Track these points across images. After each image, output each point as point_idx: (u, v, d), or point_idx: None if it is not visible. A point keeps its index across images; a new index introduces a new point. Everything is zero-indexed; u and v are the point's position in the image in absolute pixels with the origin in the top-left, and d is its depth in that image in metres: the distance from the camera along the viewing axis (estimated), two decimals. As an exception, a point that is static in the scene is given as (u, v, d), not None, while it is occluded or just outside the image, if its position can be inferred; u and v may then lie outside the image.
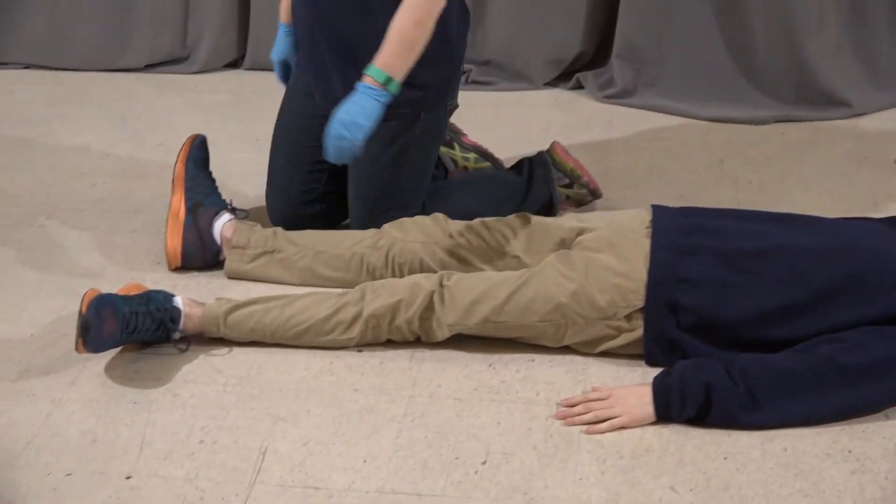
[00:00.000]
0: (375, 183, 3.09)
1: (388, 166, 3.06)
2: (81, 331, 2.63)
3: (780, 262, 2.61)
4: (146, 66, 4.53)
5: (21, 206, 3.52)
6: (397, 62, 2.76)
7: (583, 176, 3.35)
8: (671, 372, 2.53)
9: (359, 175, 3.11)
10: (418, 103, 3.02)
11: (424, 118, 3.06)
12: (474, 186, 3.31)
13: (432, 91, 3.04)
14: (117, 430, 2.56)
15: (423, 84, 2.99)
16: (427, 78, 2.98)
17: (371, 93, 2.75)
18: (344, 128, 2.75)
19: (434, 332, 2.75)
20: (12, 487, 2.39)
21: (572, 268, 2.69)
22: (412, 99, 2.98)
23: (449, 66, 3.08)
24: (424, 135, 3.09)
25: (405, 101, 2.92)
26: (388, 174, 3.07)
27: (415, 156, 3.10)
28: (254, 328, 2.78)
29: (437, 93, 3.07)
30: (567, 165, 3.34)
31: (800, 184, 3.58)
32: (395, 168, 3.07)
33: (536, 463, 2.43)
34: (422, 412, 2.59)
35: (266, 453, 2.48)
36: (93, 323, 2.62)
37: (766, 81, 4.06)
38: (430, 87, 3.02)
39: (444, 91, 3.11)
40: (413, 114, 3.04)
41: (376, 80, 2.75)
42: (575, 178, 3.34)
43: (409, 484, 2.38)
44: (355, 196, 3.14)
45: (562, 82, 4.34)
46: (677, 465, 2.40)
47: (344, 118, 2.75)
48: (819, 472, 2.38)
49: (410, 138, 3.06)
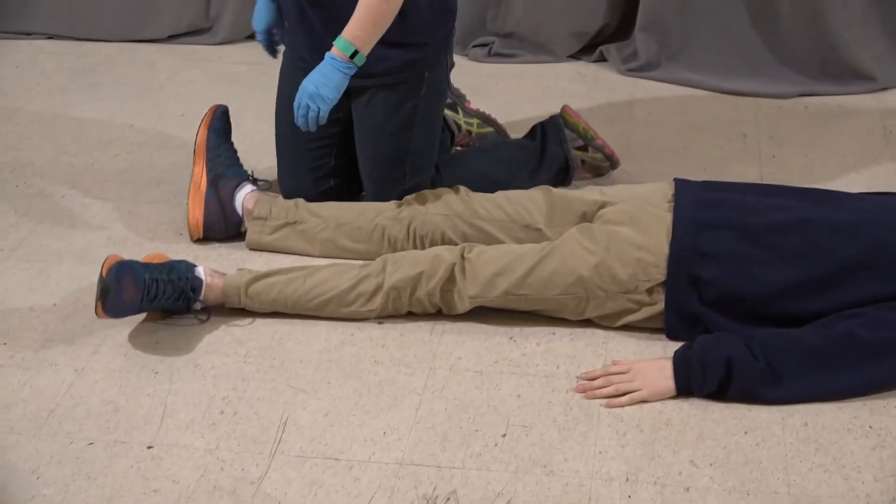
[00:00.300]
0: (386, 151, 3.08)
1: (397, 132, 3.05)
2: (101, 294, 2.64)
3: (801, 237, 2.60)
4: (169, 37, 4.53)
5: (44, 176, 3.53)
6: (363, 35, 2.79)
7: (596, 138, 3.36)
8: (692, 346, 2.53)
9: (369, 146, 3.10)
10: (421, 63, 3.02)
11: (428, 77, 3.06)
12: (490, 153, 3.30)
13: (432, 49, 3.04)
14: (139, 399, 2.57)
15: (424, 43, 3.00)
16: (427, 36, 3.00)
17: (337, 64, 2.80)
18: (309, 98, 2.82)
19: (455, 304, 2.75)
20: (35, 456, 2.41)
21: (594, 241, 2.68)
22: (415, 59, 2.99)
23: (446, 22, 3.08)
24: (429, 94, 3.09)
25: (408, 62, 2.96)
26: (398, 140, 3.07)
27: (423, 116, 3.09)
28: (275, 299, 2.78)
29: (437, 50, 3.07)
30: (580, 125, 3.35)
31: (823, 158, 3.56)
32: (405, 132, 3.06)
33: (556, 436, 2.43)
34: (442, 384, 2.59)
35: (286, 424, 2.48)
36: (112, 287, 2.63)
37: (791, 55, 4.04)
38: (431, 45, 3.03)
39: (445, 47, 3.11)
40: (417, 74, 3.04)
41: (343, 53, 2.79)
42: (588, 139, 3.34)
43: (428, 456, 2.38)
44: (367, 167, 3.13)
45: (585, 55, 4.32)
46: (697, 440, 2.40)
47: (309, 88, 2.82)
48: (839, 448, 2.37)
49: (417, 100, 3.06)
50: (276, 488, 2.31)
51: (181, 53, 4.43)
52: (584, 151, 3.34)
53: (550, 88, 4.03)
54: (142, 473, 2.36)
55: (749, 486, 2.28)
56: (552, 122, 3.35)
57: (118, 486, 2.33)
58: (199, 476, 2.35)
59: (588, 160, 3.35)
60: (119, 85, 4.18)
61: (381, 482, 2.32)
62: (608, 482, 2.30)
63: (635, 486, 2.29)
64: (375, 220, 2.99)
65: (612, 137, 3.61)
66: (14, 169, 3.57)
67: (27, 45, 4.53)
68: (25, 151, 3.68)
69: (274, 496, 2.29)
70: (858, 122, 3.79)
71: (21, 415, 2.53)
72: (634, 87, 4.07)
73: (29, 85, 4.18)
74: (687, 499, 2.26)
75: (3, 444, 2.44)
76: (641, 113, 3.88)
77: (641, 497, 2.27)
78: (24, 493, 2.31)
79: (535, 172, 3.25)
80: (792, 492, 2.27)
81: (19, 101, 4.05)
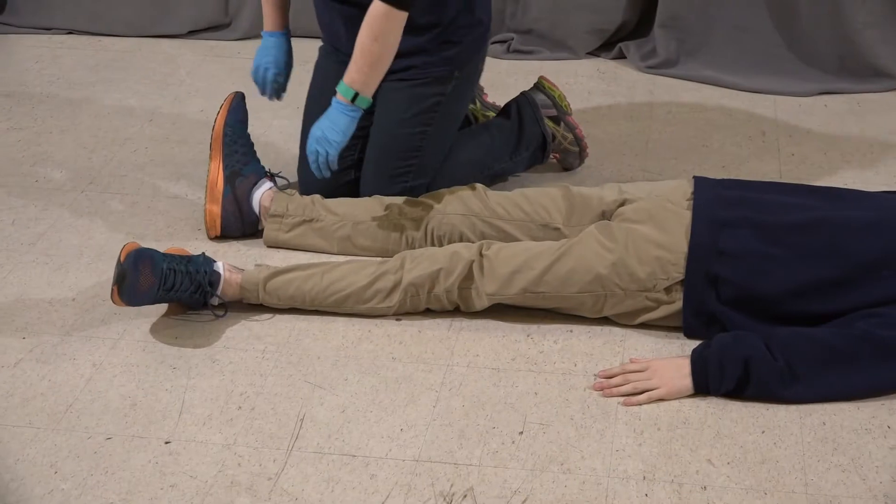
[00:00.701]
0: (399, 140, 3.09)
1: (414, 124, 3.07)
2: (117, 279, 2.65)
3: (820, 236, 2.59)
4: (188, 32, 4.53)
5: (64, 170, 3.54)
6: (362, 78, 2.84)
7: (569, 113, 3.39)
8: (710, 344, 2.52)
9: (383, 131, 3.10)
10: (453, 61, 3.06)
11: (457, 77, 3.09)
12: (472, 138, 3.30)
13: (465, 50, 3.07)
14: (157, 394, 2.57)
15: (458, 41, 3.03)
16: (461, 35, 3.03)
17: (341, 108, 2.86)
18: (317, 143, 2.89)
19: (473, 301, 2.75)
20: (53, 450, 2.42)
21: (612, 239, 2.68)
22: (449, 56, 3.03)
23: (480, 24, 3.12)
24: (455, 93, 3.12)
25: (440, 59, 3.00)
26: (413, 132, 3.08)
27: (444, 113, 3.10)
28: (293, 295, 2.78)
29: (469, 51, 3.09)
30: (556, 92, 3.38)
31: (842, 156, 3.55)
32: (422, 126, 3.07)
33: (573, 434, 2.43)
34: (459, 381, 2.59)
35: (304, 420, 2.49)
36: (129, 273, 2.64)
37: (810, 53, 4.02)
38: (463, 43, 3.06)
39: (478, 48, 3.15)
40: (447, 72, 3.07)
41: (344, 97, 2.85)
42: (561, 110, 3.36)
43: (445, 453, 2.38)
44: (375, 153, 3.11)
45: (604, 52, 4.31)
46: (714, 438, 2.40)
47: (316, 133, 2.89)
48: (857, 447, 2.37)
49: (441, 97, 3.08)
50: (294, 484, 2.32)
51: (201, 49, 4.44)
52: (556, 125, 3.35)
53: (569, 86, 4.02)
54: (159, 468, 2.36)
55: (766, 486, 2.28)
56: (525, 99, 3.37)
57: (136, 481, 2.33)
58: (216, 471, 2.35)
59: (559, 137, 3.35)
60: (139, 80, 4.18)
61: (397, 479, 2.32)
62: (625, 480, 2.30)
63: (652, 485, 2.29)
64: (393, 219, 2.99)
65: (632, 135, 3.60)
66: (34, 163, 3.58)
67: (47, 39, 4.54)
68: (45, 146, 3.69)
69: (291, 492, 2.30)
70: (878, 120, 3.78)
71: (39, 409, 2.54)
72: (654, 84, 4.07)
73: (49, 79, 4.19)
74: (704, 497, 2.26)
75: (22, 438, 2.45)
76: (661, 110, 3.87)
77: (658, 495, 2.26)
78: (41, 487, 2.32)
79: (514, 152, 3.30)
80: (809, 491, 2.26)
81: (39, 96, 4.06)
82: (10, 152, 3.65)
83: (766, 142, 3.65)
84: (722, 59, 4.08)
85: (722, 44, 4.09)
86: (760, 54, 4.05)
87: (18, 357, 2.70)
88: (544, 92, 3.37)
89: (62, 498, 2.29)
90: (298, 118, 3.34)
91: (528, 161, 3.34)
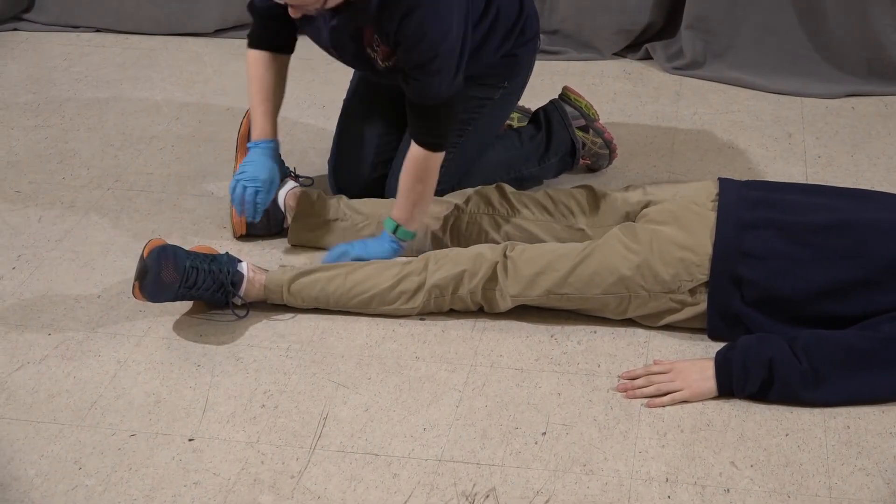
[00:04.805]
0: None
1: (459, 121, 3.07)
2: (139, 274, 2.66)
3: (845, 238, 2.58)
4: (215, 31, 4.55)
5: (91, 168, 3.55)
6: (405, 215, 2.90)
7: (597, 119, 3.39)
8: (734, 346, 2.51)
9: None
10: (505, 71, 3.10)
11: (506, 87, 3.13)
12: (502, 141, 3.30)
13: (517, 63, 3.12)
14: (181, 392, 2.58)
15: (513, 54, 3.07)
16: (515, 49, 3.07)
17: (386, 238, 2.91)
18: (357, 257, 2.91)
19: (497, 302, 2.75)
20: (78, 446, 2.43)
21: (636, 240, 2.67)
22: (500, 68, 3.07)
23: (533, 40, 3.15)
24: (501, 100, 3.15)
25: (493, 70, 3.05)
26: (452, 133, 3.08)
27: (487, 117, 3.12)
28: (317, 296, 2.78)
29: (522, 64, 3.14)
30: (582, 102, 3.39)
31: (869, 159, 3.53)
32: (463, 125, 3.07)
33: (596, 435, 2.42)
34: (483, 381, 2.59)
35: (327, 419, 2.49)
36: (151, 269, 2.65)
37: (838, 55, 4.01)
38: (517, 57, 3.10)
39: (529, 62, 3.18)
40: (497, 80, 3.10)
41: (388, 230, 2.90)
42: (589, 119, 3.37)
43: (468, 453, 2.38)
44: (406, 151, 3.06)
45: (630, 52, 4.30)
46: (738, 441, 2.39)
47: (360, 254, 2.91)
48: (882, 451, 2.35)
49: (488, 100, 3.11)
50: (316, 483, 2.32)
51: (228, 47, 4.45)
52: (585, 133, 3.35)
53: (596, 86, 4.02)
54: (183, 465, 2.37)
55: (790, 489, 2.27)
56: (553, 106, 3.38)
57: (159, 478, 2.34)
58: (239, 469, 2.36)
59: (588, 143, 3.36)
60: (165, 78, 4.20)
61: (420, 478, 2.32)
62: (648, 482, 2.30)
63: (675, 487, 2.28)
64: (418, 217, 2.99)
65: (658, 136, 3.60)
66: (61, 160, 3.60)
67: (75, 37, 4.57)
68: (72, 143, 3.71)
69: (313, 491, 2.30)
70: (905, 123, 3.77)
71: (64, 405, 2.55)
72: (680, 85, 4.06)
73: (76, 77, 4.21)
74: (727, 500, 2.25)
75: (47, 434, 2.46)
76: (687, 111, 3.86)
77: (681, 497, 2.26)
78: (66, 483, 2.33)
79: (543, 158, 3.30)
80: (833, 495, 2.25)
81: (67, 94, 4.08)
82: (38, 149, 3.67)
83: (792, 144, 3.64)
84: (748, 61, 4.07)
85: (748, 45, 4.08)
86: (787, 56, 4.04)
87: (44, 353, 2.71)
88: (570, 103, 3.37)
89: (86, 494, 2.30)
90: (324, 117, 3.35)
91: (558, 167, 3.34)
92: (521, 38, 3.08)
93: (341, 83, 3.35)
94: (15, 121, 3.88)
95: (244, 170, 2.97)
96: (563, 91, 3.42)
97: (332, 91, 3.49)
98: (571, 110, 3.35)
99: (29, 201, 3.36)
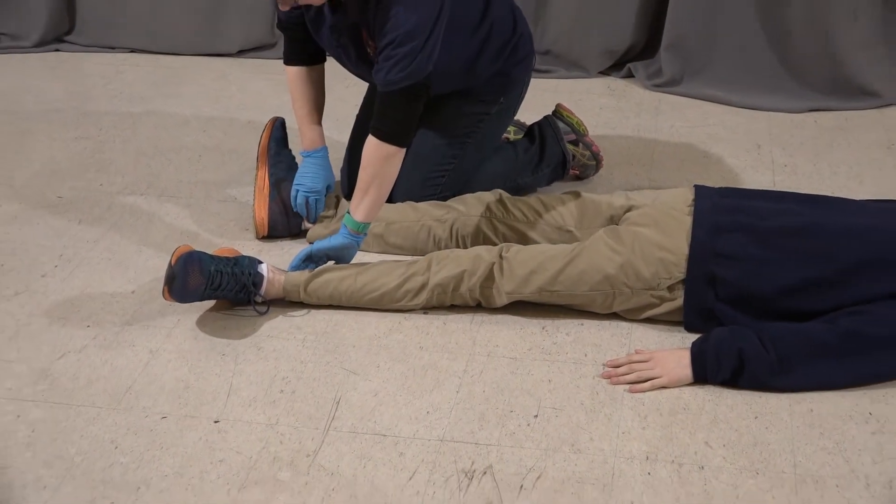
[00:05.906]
0: (438, 152, 3.11)
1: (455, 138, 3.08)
2: (167, 280, 2.67)
3: (811, 240, 2.58)
4: (238, 51, 4.55)
5: (126, 175, 3.56)
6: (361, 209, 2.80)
7: (586, 135, 3.39)
8: (708, 338, 2.52)
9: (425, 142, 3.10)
10: (501, 87, 3.10)
11: (502, 102, 3.13)
12: (498, 153, 3.29)
13: (513, 81, 3.11)
14: (207, 378, 2.58)
15: (507, 72, 3.07)
16: (510, 66, 3.07)
17: (344, 232, 2.83)
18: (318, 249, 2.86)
19: (493, 298, 2.75)
20: (114, 427, 2.43)
21: (620, 242, 2.67)
22: (497, 85, 3.08)
23: (527, 57, 3.14)
24: (497, 115, 3.15)
25: (490, 87, 3.05)
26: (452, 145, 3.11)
27: (484, 131, 3.13)
28: (331, 295, 2.79)
29: (517, 81, 3.13)
30: (573, 119, 3.39)
31: (830, 167, 3.54)
32: (461, 139, 3.09)
33: (583, 417, 2.43)
34: (480, 369, 2.59)
35: (339, 403, 2.49)
36: (178, 275, 2.65)
37: (802, 73, 4.01)
38: (511, 75, 3.10)
39: (524, 79, 3.17)
40: (494, 97, 3.10)
41: (348, 226, 2.83)
42: (579, 134, 3.37)
43: (467, 433, 2.39)
44: (412, 163, 3.04)
45: (614, 71, 4.31)
46: (711, 423, 2.39)
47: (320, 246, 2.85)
48: (842, 432, 2.36)
49: (485, 115, 3.11)
50: (330, 461, 2.32)
51: (250, 66, 4.45)
52: (575, 146, 3.36)
53: (583, 101, 4.02)
54: (209, 445, 2.38)
55: (758, 466, 2.27)
56: (546, 122, 3.38)
57: (188, 456, 2.34)
58: (260, 448, 2.36)
59: (578, 155, 3.36)
60: (194, 94, 4.20)
61: (423, 457, 2.32)
62: (630, 460, 2.30)
63: (654, 465, 2.29)
64: (421, 220, 2.99)
65: (639, 147, 3.60)
66: (98, 169, 3.60)
67: (111, 57, 4.57)
68: (108, 153, 3.71)
69: (327, 468, 2.30)
70: (864, 136, 3.76)
71: (102, 390, 2.55)
72: (659, 101, 4.06)
73: (113, 93, 4.22)
74: (701, 477, 2.25)
75: (86, 416, 2.47)
76: (665, 125, 3.86)
77: (660, 474, 2.26)
78: (104, 461, 2.33)
79: (537, 168, 3.30)
80: (798, 472, 2.26)
81: (104, 108, 4.08)
82: (78, 159, 3.68)
83: (761, 154, 3.64)
84: (722, 79, 4.07)
85: (722, 65, 4.08)
86: (757, 74, 4.04)
87: (84, 343, 2.72)
88: (562, 119, 3.37)
89: (121, 470, 2.31)
90: (337, 128, 3.36)
91: (550, 176, 3.34)
92: (513, 57, 3.08)
93: (353, 100, 3.36)
94: (57, 133, 3.88)
95: (302, 181, 3.06)
96: (557, 108, 3.42)
97: (344, 107, 3.50)
98: (563, 126, 3.36)
99: (69, 206, 3.36)
